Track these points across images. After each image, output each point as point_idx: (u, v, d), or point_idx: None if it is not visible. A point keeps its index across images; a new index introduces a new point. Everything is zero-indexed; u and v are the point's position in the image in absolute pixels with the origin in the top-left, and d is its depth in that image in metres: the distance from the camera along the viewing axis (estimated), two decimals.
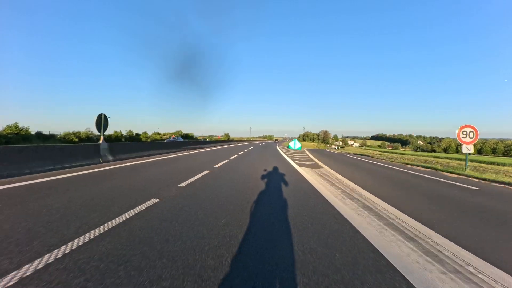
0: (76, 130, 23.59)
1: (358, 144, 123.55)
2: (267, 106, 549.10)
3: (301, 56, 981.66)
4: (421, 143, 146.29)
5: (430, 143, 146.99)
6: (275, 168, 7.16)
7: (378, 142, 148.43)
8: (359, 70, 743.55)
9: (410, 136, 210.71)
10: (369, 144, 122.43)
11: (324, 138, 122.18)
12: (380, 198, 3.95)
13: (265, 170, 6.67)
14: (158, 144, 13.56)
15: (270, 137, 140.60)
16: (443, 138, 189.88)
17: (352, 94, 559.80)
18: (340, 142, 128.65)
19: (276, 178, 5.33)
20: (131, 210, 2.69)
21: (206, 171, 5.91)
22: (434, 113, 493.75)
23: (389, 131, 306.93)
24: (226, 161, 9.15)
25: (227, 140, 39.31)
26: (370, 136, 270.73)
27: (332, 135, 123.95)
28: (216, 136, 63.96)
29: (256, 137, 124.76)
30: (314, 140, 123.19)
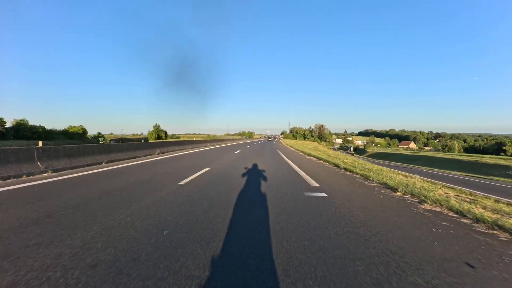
0: None
1: (360, 142, 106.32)
2: (246, 103, 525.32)
3: (285, 53, 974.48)
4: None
5: (435, 139, 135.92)
6: None
7: (376, 139, 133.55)
8: (343, 67, 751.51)
9: (403, 130, 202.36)
10: (377, 142, 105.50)
11: (319, 134, 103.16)
12: None
13: None
14: None
15: (250, 135, 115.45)
16: (439, 133, 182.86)
17: (337, 90, 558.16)
18: (338, 140, 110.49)
19: None
20: None
21: None
22: (417, 109, 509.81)
23: (376, 127, 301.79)
24: None
25: (154, 142, 15.96)
26: (357, 132, 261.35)
27: (327, 131, 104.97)
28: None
29: (232, 135, 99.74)
30: (306, 138, 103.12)
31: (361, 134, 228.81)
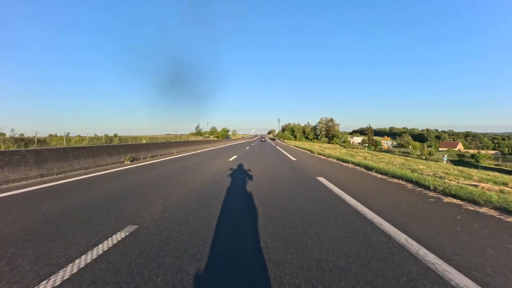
0: None
1: (387, 142, 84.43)
2: (231, 102, 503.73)
3: (276, 53, 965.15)
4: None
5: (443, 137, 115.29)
6: None
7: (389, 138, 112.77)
8: (334, 66, 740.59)
9: (405, 128, 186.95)
10: (415, 144, 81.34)
11: (328, 132, 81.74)
12: None
13: None
14: None
15: (225, 133, 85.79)
16: (444, 131, 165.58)
17: (328, 90, 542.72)
18: (352, 140, 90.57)
19: None
20: None
21: None
22: (411, 107, 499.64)
23: (374, 125, 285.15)
24: None
25: None
26: (351, 130, 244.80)
27: (337, 127, 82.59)
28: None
29: (203, 134, 74.33)
30: (309, 138, 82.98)
31: (355, 132, 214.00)
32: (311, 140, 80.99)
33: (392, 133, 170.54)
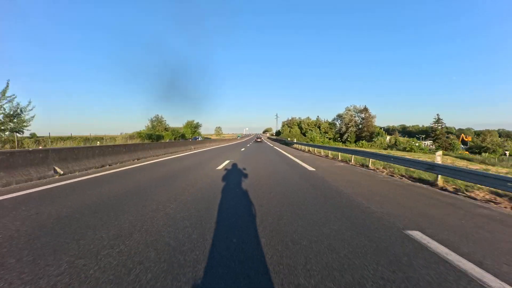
0: None
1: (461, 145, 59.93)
2: (223, 101, 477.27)
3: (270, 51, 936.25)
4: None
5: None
6: None
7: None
8: (326, 65, 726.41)
9: (416, 126, 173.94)
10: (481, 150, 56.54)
11: (362, 128, 57.44)
12: None
13: None
14: None
15: (190, 131, 55.45)
16: (462, 129, 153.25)
17: (324, 89, 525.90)
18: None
19: None
20: None
21: None
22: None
23: (378, 123, 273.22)
24: None
25: None
26: None
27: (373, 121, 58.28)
28: None
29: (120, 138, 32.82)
30: (326, 136, 61.69)
31: None
32: (331, 139, 59.20)
33: (406, 132, 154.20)
